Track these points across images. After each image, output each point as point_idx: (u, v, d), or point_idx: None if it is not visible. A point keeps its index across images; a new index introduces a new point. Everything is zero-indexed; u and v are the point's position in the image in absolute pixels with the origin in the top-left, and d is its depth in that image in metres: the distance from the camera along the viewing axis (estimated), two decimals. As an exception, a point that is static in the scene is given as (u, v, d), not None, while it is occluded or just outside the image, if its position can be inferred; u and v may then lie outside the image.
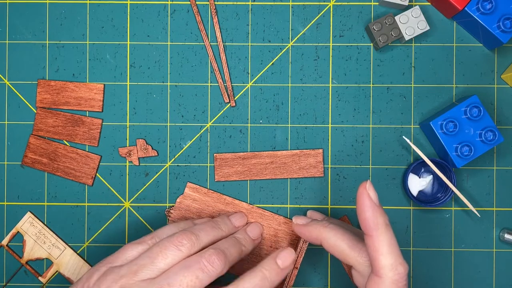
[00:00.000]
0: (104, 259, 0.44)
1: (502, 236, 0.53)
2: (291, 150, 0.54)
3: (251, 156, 0.54)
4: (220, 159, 0.54)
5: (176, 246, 0.42)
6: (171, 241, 0.42)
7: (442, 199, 0.52)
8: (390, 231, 0.40)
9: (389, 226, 0.40)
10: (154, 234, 0.45)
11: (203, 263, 0.41)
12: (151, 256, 0.41)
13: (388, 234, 0.39)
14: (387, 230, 0.39)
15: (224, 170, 0.54)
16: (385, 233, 0.39)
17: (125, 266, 0.41)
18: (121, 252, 0.44)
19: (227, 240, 0.45)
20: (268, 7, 0.54)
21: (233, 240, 0.45)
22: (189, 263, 0.41)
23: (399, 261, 0.39)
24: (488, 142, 0.50)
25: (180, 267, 0.41)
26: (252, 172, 0.54)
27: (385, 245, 0.39)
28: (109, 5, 0.54)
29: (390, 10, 0.54)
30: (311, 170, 0.53)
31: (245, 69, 0.54)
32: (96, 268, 0.43)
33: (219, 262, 0.41)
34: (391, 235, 0.39)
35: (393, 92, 0.54)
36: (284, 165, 0.54)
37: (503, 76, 0.53)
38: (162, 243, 0.42)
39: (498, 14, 0.50)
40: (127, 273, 0.41)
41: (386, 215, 0.40)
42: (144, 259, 0.41)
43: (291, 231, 0.53)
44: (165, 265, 0.41)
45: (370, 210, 0.39)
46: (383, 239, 0.39)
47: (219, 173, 0.54)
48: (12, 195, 0.54)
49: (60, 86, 0.54)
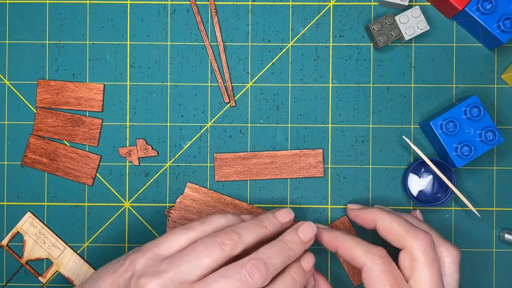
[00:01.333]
0: (150, 242, 0.42)
1: (502, 236, 0.53)
2: (291, 150, 0.54)
3: (251, 156, 0.54)
4: (220, 159, 0.54)
5: (220, 245, 0.41)
6: (215, 240, 0.41)
7: (442, 199, 0.52)
8: (387, 213, 0.45)
9: (384, 210, 0.46)
10: (204, 220, 0.44)
11: (243, 275, 0.39)
12: (195, 252, 0.40)
13: (386, 215, 0.45)
14: (384, 213, 0.45)
15: (224, 170, 0.54)
16: (383, 214, 0.45)
17: (168, 260, 0.41)
18: (167, 237, 0.42)
19: (273, 245, 0.42)
20: (268, 7, 0.54)
21: (280, 246, 0.42)
22: (229, 273, 0.40)
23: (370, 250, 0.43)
24: (488, 142, 0.50)
25: (220, 276, 0.39)
26: (252, 172, 0.54)
27: (395, 225, 0.44)
28: (109, 5, 0.54)
29: (390, 10, 0.54)
30: (311, 170, 0.53)
31: (245, 69, 0.54)
32: (142, 253, 0.42)
33: (259, 275, 0.40)
34: (391, 216, 0.45)
35: (393, 92, 0.54)
36: (284, 165, 0.54)
37: (503, 76, 0.53)
38: (206, 240, 0.41)
39: (498, 14, 0.50)
40: (169, 268, 0.40)
41: (374, 207, 0.47)
42: (189, 254, 0.41)
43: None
44: (209, 262, 0.40)
45: (360, 211, 0.47)
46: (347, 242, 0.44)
47: (219, 173, 0.54)
48: (12, 195, 0.54)
49: (60, 86, 0.54)
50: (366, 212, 0.47)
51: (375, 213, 0.46)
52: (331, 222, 0.53)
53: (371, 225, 0.47)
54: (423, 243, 0.42)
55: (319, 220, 0.54)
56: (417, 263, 0.42)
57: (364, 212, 0.47)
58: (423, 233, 0.43)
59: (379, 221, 0.45)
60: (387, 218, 0.45)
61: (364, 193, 0.54)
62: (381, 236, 0.45)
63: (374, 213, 0.46)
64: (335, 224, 0.53)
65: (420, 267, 0.42)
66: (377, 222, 0.46)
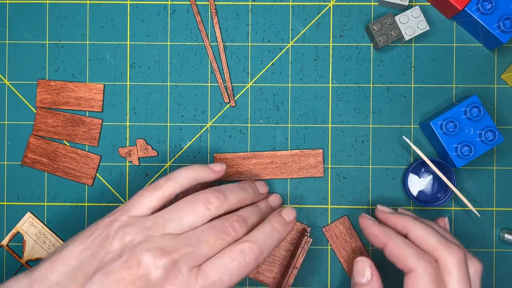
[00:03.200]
0: (119, 207, 0.43)
1: (502, 236, 0.53)
2: (291, 150, 0.54)
3: (251, 156, 0.54)
4: (220, 159, 0.54)
5: (204, 204, 0.42)
6: (199, 199, 0.42)
7: (442, 199, 0.52)
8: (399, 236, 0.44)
9: (417, 220, 0.44)
10: (169, 176, 0.44)
11: (227, 227, 0.42)
12: (179, 211, 0.41)
13: (399, 238, 0.43)
14: (397, 235, 0.43)
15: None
16: (397, 237, 0.43)
17: (150, 218, 0.41)
18: (136, 200, 0.43)
19: (252, 209, 0.46)
20: (268, 7, 0.54)
21: (256, 208, 0.46)
22: (215, 224, 0.42)
23: (422, 257, 0.41)
24: (488, 142, 0.50)
25: (207, 227, 0.41)
26: (252, 172, 0.54)
27: (430, 236, 0.42)
28: (109, 5, 0.54)
29: (390, 10, 0.54)
30: (311, 170, 0.53)
31: (245, 69, 0.54)
32: (114, 217, 0.42)
33: (241, 229, 0.42)
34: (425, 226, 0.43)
35: (393, 92, 0.54)
36: (284, 165, 0.54)
37: (503, 76, 0.54)
38: (190, 199, 0.42)
39: (498, 14, 0.50)
40: (153, 225, 0.40)
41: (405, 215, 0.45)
42: (171, 213, 0.41)
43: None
44: (193, 221, 0.41)
45: (391, 215, 0.46)
46: (398, 243, 0.42)
47: (219, 173, 0.54)
48: (12, 195, 0.54)
49: (60, 86, 0.54)
50: (398, 218, 0.45)
51: (408, 221, 0.44)
52: (331, 222, 0.53)
53: (401, 232, 0.45)
54: (458, 257, 0.42)
55: (319, 220, 0.54)
56: (450, 277, 0.41)
57: (395, 217, 0.45)
58: (458, 247, 0.42)
59: (412, 229, 0.44)
60: (421, 228, 0.43)
61: (364, 193, 0.54)
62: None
63: (407, 221, 0.44)
64: (335, 224, 0.53)
65: (454, 282, 0.41)
66: (410, 230, 0.44)
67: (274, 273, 0.53)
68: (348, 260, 0.53)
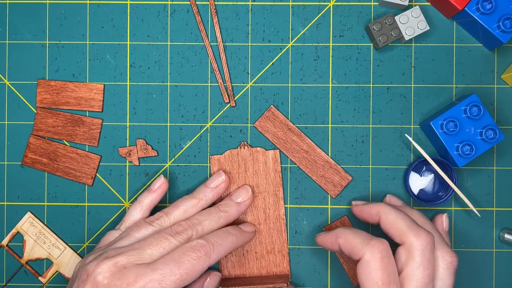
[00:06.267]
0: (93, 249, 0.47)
1: (502, 236, 0.53)
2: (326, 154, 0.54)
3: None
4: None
5: (150, 224, 0.47)
6: (149, 221, 0.48)
7: (443, 198, 0.52)
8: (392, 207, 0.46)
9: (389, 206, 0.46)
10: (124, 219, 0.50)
11: (171, 230, 0.46)
12: (130, 233, 0.47)
13: (392, 210, 0.45)
14: (388, 207, 0.46)
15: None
16: (390, 209, 0.45)
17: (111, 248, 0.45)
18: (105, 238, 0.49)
19: (205, 212, 0.48)
20: (268, 7, 0.54)
21: (209, 210, 0.49)
22: (160, 234, 0.46)
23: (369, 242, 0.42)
24: (489, 140, 0.50)
25: (154, 236, 0.45)
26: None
27: (399, 220, 0.44)
28: (109, 5, 0.54)
29: (390, 10, 0.54)
30: (329, 185, 0.53)
31: (245, 69, 0.54)
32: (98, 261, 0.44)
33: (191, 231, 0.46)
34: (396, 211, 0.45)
35: (393, 92, 0.54)
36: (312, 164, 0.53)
37: (503, 76, 0.54)
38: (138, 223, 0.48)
39: (498, 14, 0.50)
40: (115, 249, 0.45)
41: (381, 202, 0.47)
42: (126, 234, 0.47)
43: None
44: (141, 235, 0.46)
45: (365, 206, 0.48)
46: (346, 234, 0.44)
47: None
48: (12, 195, 0.54)
49: (60, 86, 0.54)
50: (371, 206, 0.47)
51: (380, 207, 0.46)
52: (331, 222, 0.53)
53: (375, 219, 0.47)
54: (423, 242, 0.42)
55: (319, 220, 0.54)
56: (412, 261, 0.42)
57: (369, 206, 0.48)
58: (425, 232, 0.43)
59: (383, 214, 0.46)
60: (392, 212, 0.45)
61: (364, 193, 0.54)
62: (383, 230, 0.46)
63: (379, 207, 0.46)
64: (335, 224, 0.53)
65: (414, 265, 0.42)
66: (381, 215, 0.46)
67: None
68: (348, 260, 0.53)
